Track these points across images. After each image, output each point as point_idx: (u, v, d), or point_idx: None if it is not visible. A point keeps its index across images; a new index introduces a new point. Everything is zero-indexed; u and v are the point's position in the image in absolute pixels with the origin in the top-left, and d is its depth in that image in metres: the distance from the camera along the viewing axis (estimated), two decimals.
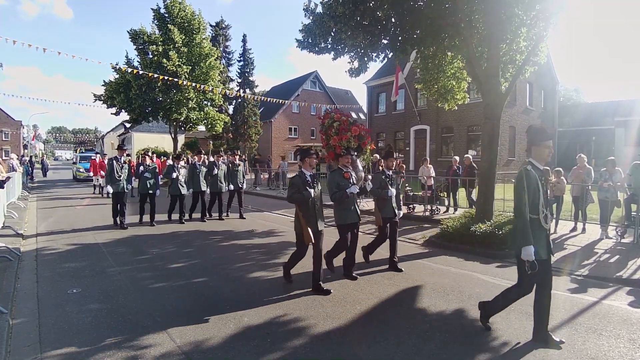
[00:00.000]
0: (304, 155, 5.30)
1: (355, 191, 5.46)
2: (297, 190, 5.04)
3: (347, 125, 7.47)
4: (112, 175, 9.35)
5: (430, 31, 8.94)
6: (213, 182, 10.97)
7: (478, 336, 3.91)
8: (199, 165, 10.76)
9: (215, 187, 11.00)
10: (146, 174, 9.82)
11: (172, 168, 10.34)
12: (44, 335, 3.88)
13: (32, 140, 61.11)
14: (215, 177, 10.96)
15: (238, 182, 11.41)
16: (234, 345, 3.69)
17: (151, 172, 9.90)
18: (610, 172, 8.26)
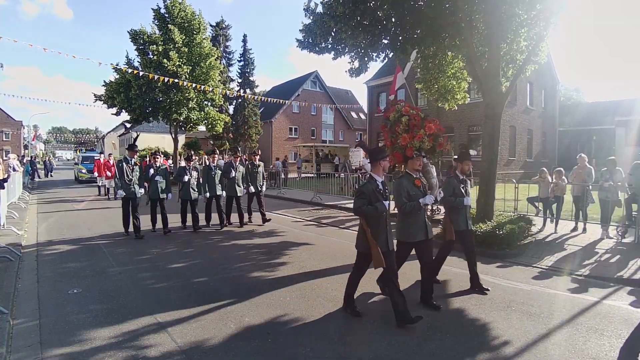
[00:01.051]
0: (377, 157, 4.25)
1: (430, 202, 4.65)
2: (367, 202, 4.08)
3: (419, 121, 6.20)
4: (122, 178, 8.46)
5: (430, 31, 8.94)
6: (230, 185, 9.92)
7: (478, 336, 3.91)
8: (214, 167, 9.84)
9: (232, 190, 9.90)
10: (157, 177, 8.88)
11: (183, 170, 9.32)
12: (44, 335, 3.88)
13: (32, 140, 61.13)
14: (233, 180, 9.85)
15: (258, 184, 10.37)
16: (234, 345, 3.69)
17: (162, 174, 8.98)
18: (611, 171, 8.25)
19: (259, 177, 10.41)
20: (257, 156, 10.70)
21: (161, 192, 8.93)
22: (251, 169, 10.34)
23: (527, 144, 24.97)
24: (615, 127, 24.41)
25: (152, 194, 8.98)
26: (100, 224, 10.09)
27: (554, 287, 5.46)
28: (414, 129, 6.09)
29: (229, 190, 9.93)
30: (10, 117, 63.06)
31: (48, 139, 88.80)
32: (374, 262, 4.05)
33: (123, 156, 8.81)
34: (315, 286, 5.40)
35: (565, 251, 7.22)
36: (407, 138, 6.02)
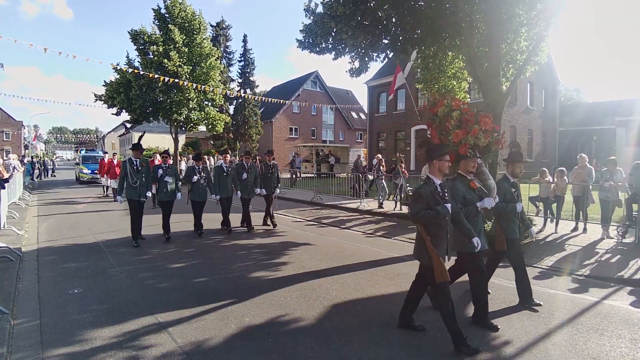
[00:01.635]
0: (434, 154, 3.77)
1: (490, 205, 4.15)
2: (426, 206, 3.63)
3: (473, 116, 5.50)
4: (125, 180, 7.76)
5: (430, 31, 8.93)
6: (243, 187, 9.28)
7: (479, 336, 3.91)
8: (226, 167, 9.13)
9: (244, 192, 9.33)
10: (167, 177, 8.19)
11: (192, 170, 8.71)
12: (45, 335, 3.88)
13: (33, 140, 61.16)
14: (246, 182, 9.27)
15: (272, 185, 9.85)
16: (235, 345, 3.70)
17: (172, 174, 8.31)
18: (611, 171, 8.25)
19: (273, 179, 9.87)
20: (272, 156, 10.05)
21: (171, 194, 8.28)
22: (265, 170, 9.80)
23: (527, 144, 24.96)
24: (615, 127, 24.40)
25: (161, 196, 8.29)
26: (100, 224, 10.10)
27: (555, 287, 5.46)
28: (468, 124, 5.39)
29: (243, 192, 9.35)
30: (10, 117, 63.14)
31: (48, 139, 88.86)
32: (436, 274, 3.60)
33: (128, 157, 8.10)
34: (315, 286, 5.40)
35: (565, 251, 7.22)
36: (460, 134, 5.29)
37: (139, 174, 7.77)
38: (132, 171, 7.72)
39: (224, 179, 9.03)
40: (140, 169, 7.81)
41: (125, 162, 7.88)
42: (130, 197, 7.73)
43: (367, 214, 12.06)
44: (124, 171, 7.74)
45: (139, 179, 7.76)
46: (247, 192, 9.38)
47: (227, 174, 9.04)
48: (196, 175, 8.62)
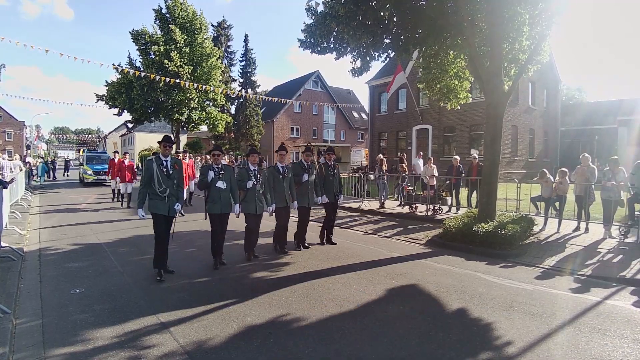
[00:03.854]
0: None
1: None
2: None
3: None
4: (148, 187, 5.61)
5: (432, 30, 8.92)
6: (301, 193, 7.37)
7: (480, 336, 3.91)
8: (282, 168, 7.05)
9: (303, 199, 7.38)
10: (220, 182, 6.06)
11: (246, 173, 6.52)
12: (47, 334, 3.89)
13: (34, 140, 61.33)
14: (306, 186, 7.39)
15: (335, 191, 7.88)
16: (236, 345, 3.70)
17: (227, 178, 6.20)
18: (613, 171, 8.23)
19: (335, 182, 7.94)
20: (332, 155, 8.12)
21: (225, 203, 6.16)
22: (326, 171, 7.88)
23: (529, 144, 24.92)
24: (617, 126, 24.38)
25: (212, 207, 6.13)
26: (102, 224, 10.11)
27: (557, 287, 5.45)
28: None
29: (301, 200, 7.41)
30: (12, 118, 63.34)
31: (50, 139, 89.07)
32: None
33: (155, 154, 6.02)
34: (317, 286, 5.40)
35: (567, 251, 7.20)
36: None
37: (169, 179, 5.62)
38: (161, 175, 5.56)
39: (280, 182, 7.02)
40: (172, 172, 5.65)
41: (150, 161, 5.67)
42: (155, 211, 5.60)
43: (369, 213, 12.06)
44: (147, 174, 5.57)
45: (169, 187, 5.62)
46: (307, 199, 7.46)
47: (283, 177, 7.06)
48: (251, 180, 6.48)
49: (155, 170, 5.56)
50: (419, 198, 11.92)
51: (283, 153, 7.13)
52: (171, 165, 5.72)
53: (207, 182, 6.09)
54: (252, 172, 6.52)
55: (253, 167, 6.57)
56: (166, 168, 5.64)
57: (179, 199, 5.83)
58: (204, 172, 6.18)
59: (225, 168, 6.29)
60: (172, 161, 5.78)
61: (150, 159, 5.69)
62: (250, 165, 6.60)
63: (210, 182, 6.09)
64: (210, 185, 6.09)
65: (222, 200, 6.12)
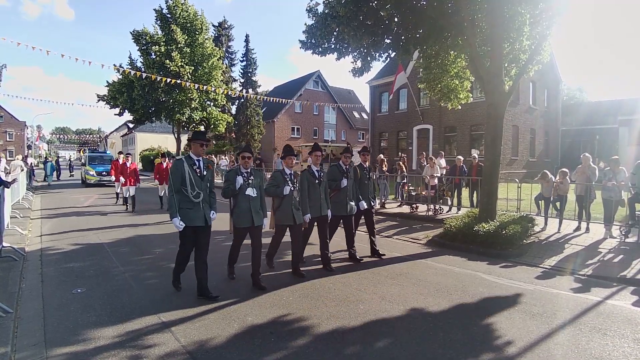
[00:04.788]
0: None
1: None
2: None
3: None
4: (179, 193, 4.73)
5: (433, 31, 8.93)
6: (338, 200, 6.50)
7: (481, 336, 3.91)
8: (317, 172, 6.11)
9: (341, 207, 6.51)
10: (249, 190, 5.18)
11: (281, 176, 5.67)
12: (48, 334, 3.90)
13: (36, 140, 61.39)
14: (344, 191, 6.52)
15: (369, 196, 7.08)
16: (237, 345, 3.71)
17: (257, 185, 5.32)
18: (614, 171, 8.23)
19: (370, 187, 7.22)
20: (367, 155, 7.30)
21: (256, 214, 5.23)
22: (361, 174, 7.07)
23: (529, 144, 24.92)
24: (618, 126, 24.34)
25: (240, 219, 5.19)
26: (103, 224, 10.12)
27: (557, 286, 5.45)
28: None
29: (336, 208, 6.46)
30: (14, 118, 63.44)
31: (51, 139, 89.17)
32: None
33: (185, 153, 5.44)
34: (318, 286, 5.41)
35: (568, 251, 7.20)
36: None
37: (202, 181, 4.85)
38: (193, 177, 4.76)
39: (316, 189, 6.04)
40: (206, 173, 4.93)
41: (180, 161, 4.86)
42: (186, 223, 4.71)
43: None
44: (177, 177, 4.73)
45: (203, 191, 4.85)
46: (345, 207, 6.51)
47: (319, 182, 6.08)
48: (288, 185, 5.60)
49: (186, 171, 4.72)
50: (420, 198, 11.92)
51: (319, 154, 6.20)
52: (204, 166, 4.93)
53: (234, 190, 5.15)
54: (287, 176, 5.68)
55: (289, 171, 5.72)
56: (199, 169, 4.86)
57: (212, 206, 5.02)
58: (231, 178, 5.22)
59: (254, 172, 5.35)
60: (205, 162, 5.01)
61: (180, 159, 4.88)
62: (286, 168, 5.71)
63: (239, 190, 5.17)
64: (239, 194, 5.19)
65: (253, 210, 5.20)
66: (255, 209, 5.23)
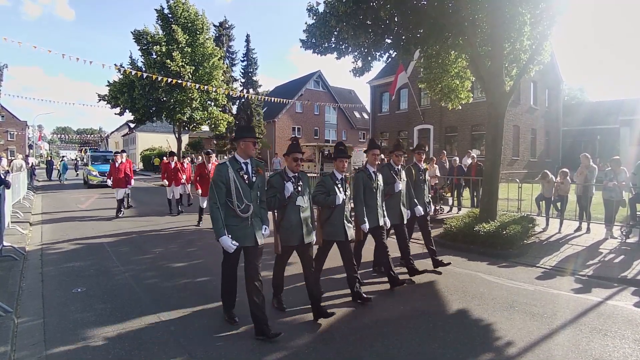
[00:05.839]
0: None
1: None
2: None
3: None
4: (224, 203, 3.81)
5: (433, 30, 8.91)
6: (392, 206, 5.54)
7: (481, 336, 3.91)
8: (373, 173, 5.21)
9: (396, 213, 5.60)
10: (299, 199, 4.24)
11: (331, 181, 4.66)
12: (48, 333, 3.91)
13: (38, 140, 61.50)
14: (398, 197, 5.62)
15: (425, 201, 6.25)
16: (238, 344, 3.70)
17: (306, 192, 4.36)
18: (615, 171, 8.21)
19: (425, 189, 6.36)
20: (423, 154, 6.46)
21: (307, 229, 4.31)
22: (416, 175, 6.22)
23: (530, 144, 24.89)
24: (619, 126, 24.31)
25: (289, 235, 4.25)
26: (104, 224, 10.12)
27: (558, 287, 5.44)
28: None
29: (393, 215, 5.53)
30: (15, 118, 63.51)
31: (52, 139, 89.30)
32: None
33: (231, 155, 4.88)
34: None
35: (568, 251, 7.19)
36: None
37: (252, 191, 3.89)
38: (241, 185, 3.82)
39: (373, 193, 5.13)
40: (255, 180, 3.93)
41: (224, 166, 3.87)
42: (240, 239, 3.80)
43: None
44: (221, 185, 3.78)
45: (253, 202, 3.88)
46: (399, 214, 5.63)
47: (377, 185, 5.17)
48: (340, 193, 4.60)
49: (232, 178, 3.78)
50: None
51: (377, 152, 5.21)
52: (253, 169, 3.95)
53: (283, 200, 4.17)
54: (339, 181, 4.66)
55: (340, 175, 4.70)
56: (247, 174, 3.87)
57: (264, 220, 4.05)
58: (276, 184, 4.19)
59: (302, 176, 4.36)
60: (255, 165, 4.00)
61: (224, 163, 3.89)
62: (337, 172, 4.70)
63: (288, 200, 4.20)
64: (288, 204, 4.22)
65: (304, 224, 4.26)
66: (306, 222, 4.28)
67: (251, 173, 3.92)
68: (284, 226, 4.22)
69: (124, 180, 11.21)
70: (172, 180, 11.67)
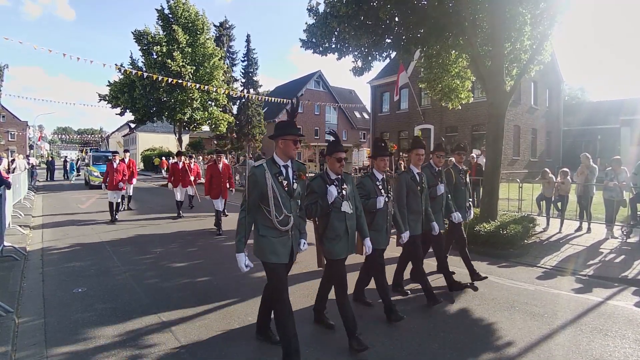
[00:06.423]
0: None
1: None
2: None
3: None
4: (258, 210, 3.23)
5: (434, 30, 8.91)
6: (433, 211, 5.00)
7: (482, 336, 3.90)
8: (419, 175, 4.74)
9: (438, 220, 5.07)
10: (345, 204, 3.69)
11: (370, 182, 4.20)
12: (49, 333, 3.91)
13: (38, 140, 61.53)
14: (439, 201, 5.19)
15: (465, 206, 5.81)
16: (238, 344, 3.71)
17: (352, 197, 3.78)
18: (615, 171, 8.21)
19: (466, 192, 5.89)
20: (463, 155, 5.96)
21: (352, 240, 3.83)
22: (456, 177, 5.73)
23: (531, 144, 24.88)
24: (620, 126, 24.26)
25: (336, 247, 3.73)
26: (104, 224, 10.12)
27: (558, 287, 5.44)
28: None
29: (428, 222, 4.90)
30: (15, 118, 63.52)
31: (53, 139, 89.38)
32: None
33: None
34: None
35: (569, 251, 7.19)
36: None
37: (292, 199, 3.28)
38: (279, 192, 3.18)
39: (418, 197, 4.68)
40: (296, 186, 3.32)
41: (260, 169, 3.18)
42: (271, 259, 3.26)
43: None
44: (256, 191, 3.17)
45: (293, 213, 3.29)
46: (440, 220, 5.17)
47: (421, 188, 4.70)
48: (382, 195, 4.14)
49: (269, 185, 3.13)
50: None
51: (422, 152, 4.73)
52: (295, 174, 3.33)
53: (327, 207, 3.62)
54: (379, 182, 4.20)
55: (380, 175, 4.22)
56: (287, 180, 3.23)
57: (302, 232, 3.48)
58: (318, 189, 3.65)
59: (347, 178, 3.80)
60: (297, 168, 3.39)
61: (260, 166, 3.19)
62: (377, 172, 4.23)
63: (333, 205, 3.64)
64: (332, 211, 3.65)
65: (350, 233, 3.75)
66: (352, 231, 3.74)
67: (292, 179, 3.27)
68: (328, 236, 3.69)
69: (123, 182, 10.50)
70: (179, 181, 11.13)
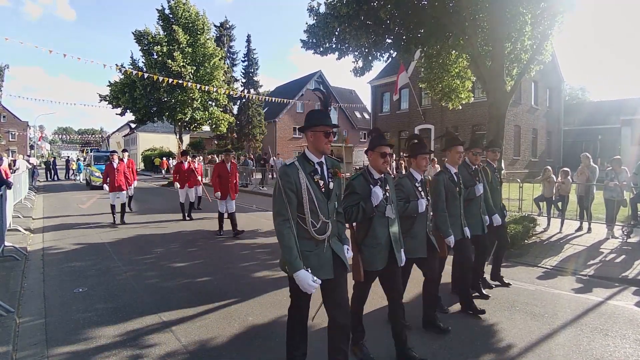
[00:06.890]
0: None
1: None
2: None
3: None
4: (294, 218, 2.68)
5: (434, 30, 8.92)
6: (472, 214, 4.69)
7: (482, 336, 3.90)
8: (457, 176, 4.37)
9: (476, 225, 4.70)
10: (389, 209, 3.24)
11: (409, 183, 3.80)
12: (50, 333, 3.91)
13: (38, 140, 61.56)
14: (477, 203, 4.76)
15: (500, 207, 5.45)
16: (238, 344, 3.71)
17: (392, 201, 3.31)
18: (616, 171, 8.21)
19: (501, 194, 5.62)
20: (498, 153, 5.64)
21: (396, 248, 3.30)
22: (492, 176, 5.32)
23: (531, 144, 24.87)
24: (620, 126, 24.25)
25: (376, 256, 3.26)
26: (105, 224, 10.12)
27: (559, 287, 5.43)
28: None
29: (472, 225, 4.61)
30: (16, 118, 63.58)
31: (54, 139, 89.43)
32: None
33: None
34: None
35: (569, 251, 7.18)
36: None
37: (329, 201, 2.80)
38: (315, 194, 2.71)
39: (456, 200, 4.33)
40: (333, 186, 2.83)
41: (292, 167, 2.70)
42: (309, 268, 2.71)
43: None
44: (290, 191, 2.66)
45: (330, 217, 2.83)
46: (481, 222, 4.74)
47: (459, 190, 4.34)
48: (422, 198, 3.76)
49: (305, 185, 2.68)
50: None
51: (461, 150, 4.33)
52: (330, 172, 2.85)
53: (371, 211, 3.13)
54: (419, 183, 3.78)
55: (419, 176, 3.82)
56: (324, 179, 2.78)
57: (342, 238, 3.02)
58: (360, 189, 3.19)
59: (388, 179, 3.36)
60: (332, 166, 2.90)
61: (292, 164, 2.72)
62: (416, 172, 3.82)
63: (377, 209, 3.17)
64: (374, 216, 3.18)
65: (393, 241, 3.27)
66: (395, 239, 3.27)
67: (327, 177, 2.81)
68: (369, 244, 3.21)
69: (124, 183, 10.04)
70: (185, 182, 10.69)
